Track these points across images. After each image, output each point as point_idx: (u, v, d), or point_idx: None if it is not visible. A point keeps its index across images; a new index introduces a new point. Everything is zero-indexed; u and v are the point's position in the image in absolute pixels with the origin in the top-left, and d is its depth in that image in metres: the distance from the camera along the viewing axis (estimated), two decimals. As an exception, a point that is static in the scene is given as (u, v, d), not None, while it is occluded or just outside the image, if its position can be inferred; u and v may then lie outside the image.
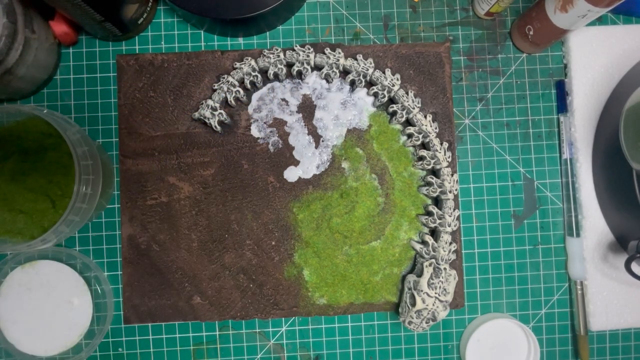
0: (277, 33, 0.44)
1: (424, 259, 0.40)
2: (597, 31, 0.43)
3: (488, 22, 0.45)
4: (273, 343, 0.43)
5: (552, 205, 0.44)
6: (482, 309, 0.44)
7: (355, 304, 0.42)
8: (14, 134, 0.39)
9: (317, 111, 0.42)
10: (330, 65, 0.40)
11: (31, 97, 0.42)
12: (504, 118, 0.44)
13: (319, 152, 0.42)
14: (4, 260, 0.40)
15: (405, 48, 0.42)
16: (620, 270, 0.42)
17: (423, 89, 0.42)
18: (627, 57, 0.43)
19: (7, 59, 0.35)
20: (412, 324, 0.38)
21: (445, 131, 0.42)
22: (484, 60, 0.44)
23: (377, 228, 0.41)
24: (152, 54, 0.41)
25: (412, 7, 0.44)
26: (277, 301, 0.41)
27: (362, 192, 0.41)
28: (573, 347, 0.44)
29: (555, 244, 0.44)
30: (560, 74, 0.45)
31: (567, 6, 0.35)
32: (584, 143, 0.43)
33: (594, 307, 0.42)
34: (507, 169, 0.44)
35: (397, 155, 0.42)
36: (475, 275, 0.44)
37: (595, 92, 0.43)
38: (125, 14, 0.39)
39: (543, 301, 0.44)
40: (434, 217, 0.40)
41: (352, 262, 0.41)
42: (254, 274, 0.41)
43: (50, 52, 0.41)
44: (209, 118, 0.40)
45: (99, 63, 0.43)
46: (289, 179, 0.41)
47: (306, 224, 0.41)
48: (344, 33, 0.44)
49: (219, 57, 0.41)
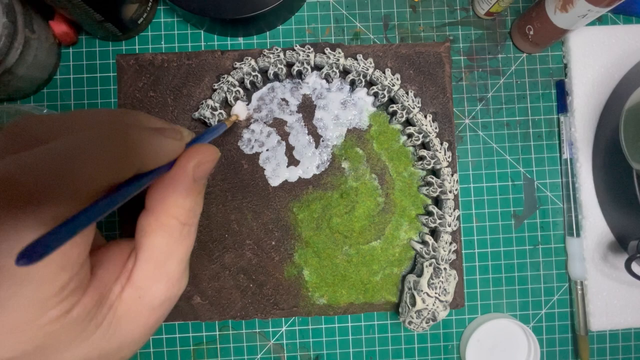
0: (277, 33, 0.44)
1: (424, 259, 0.40)
2: (597, 31, 0.43)
3: (488, 22, 0.45)
4: (273, 343, 0.43)
5: (552, 205, 0.44)
6: (482, 309, 0.44)
7: (355, 304, 0.42)
8: (13, 133, 0.39)
9: (317, 111, 0.42)
10: (330, 65, 0.40)
11: (31, 97, 0.42)
12: (504, 118, 0.44)
13: (319, 152, 0.42)
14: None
15: (405, 48, 0.42)
16: (620, 270, 0.42)
17: (423, 89, 0.42)
18: (627, 57, 0.43)
19: (7, 59, 0.35)
20: (412, 324, 0.38)
21: (445, 131, 0.42)
22: (484, 60, 0.44)
23: (377, 228, 0.41)
24: (152, 54, 0.41)
25: (412, 7, 0.44)
26: (277, 301, 0.41)
27: (362, 192, 0.41)
28: (573, 347, 0.44)
29: (555, 244, 0.44)
30: (560, 74, 0.45)
31: (567, 6, 0.35)
32: (584, 143, 0.43)
33: (594, 307, 0.42)
34: (507, 169, 0.44)
35: (397, 155, 0.42)
36: (475, 275, 0.44)
37: (595, 92, 0.43)
38: (125, 14, 0.39)
39: (543, 301, 0.44)
40: (434, 217, 0.40)
41: (352, 262, 0.41)
42: (254, 274, 0.41)
43: (50, 52, 0.41)
44: (209, 118, 0.40)
45: (99, 63, 0.43)
46: (289, 179, 0.41)
47: (306, 224, 0.41)
48: (344, 33, 0.44)
49: (219, 57, 0.41)
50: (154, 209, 0.16)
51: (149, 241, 0.16)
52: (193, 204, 0.17)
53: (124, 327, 0.16)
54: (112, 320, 0.15)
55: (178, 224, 0.16)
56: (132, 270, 0.16)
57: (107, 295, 0.15)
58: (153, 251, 0.16)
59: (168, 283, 0.16)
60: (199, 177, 0.17)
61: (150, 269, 0.16)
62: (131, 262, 0.16)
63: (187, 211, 0.16)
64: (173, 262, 0.16)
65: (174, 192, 0.16)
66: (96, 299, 0.14)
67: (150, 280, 0.16)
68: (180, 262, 0.17)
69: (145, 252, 0.16)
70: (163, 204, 0.16)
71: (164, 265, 0.16)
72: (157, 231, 0.16)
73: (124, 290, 0.16)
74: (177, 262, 0.17)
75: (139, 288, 0.16)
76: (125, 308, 0.15)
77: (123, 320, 0.15)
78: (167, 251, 0.16)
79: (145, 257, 0.16)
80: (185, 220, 0.16)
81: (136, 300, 0.16)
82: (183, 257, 0.17)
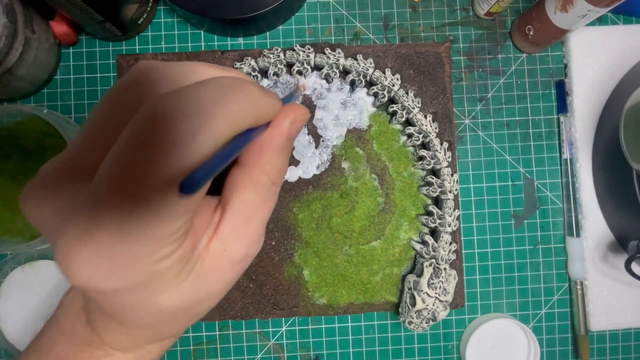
0: (277, 33, 0.44)
1: (424, 259, 0.40)
2: (597, 31, 0.43)
3: (488, 22, 0.45)
4: (273, 343, 0.43)
5: (552, 205, 0.44)
6: (482, 309, 0.44)
7: (355, 304, 0.42)
8: (14, 134, 0.39)
9: (317, 111, 0.42)
10: (330, 65, 0.40)
11: (31, 97, 0.42)
12: (504, 118, 0.44)
13: (319, 152, 0.42)
14: (4, 260, 0.40)
15: (405, 48, 0.42)
16: (620, 270, 0.42)
17: (423, 89, 0.42)
18: (627, 57, 0.43)
19: (7, 59, 0.35)
20: (412, 324, 0.38)
21: (445, 131, 0.42)
22: (484, 60, 0.44)
23: (377, 228, 0.41)
24: (152, 54, 0.41)
25: (412, 7, 0.44)
26: (277, 301, 0.41)
27: (362, 192, 0.41)
28: (573, 347, 0.44)
29: (555, 244, 0.44)
30: (560, 74, 0.45)
31: (567, 6, 0.35)
32: (584, 143, 0.43)
33: (594, 307, 0.42)
34: (507, 169, 0.44)
35: (397, 155, 0.42)
36: (475, 275, 0.44)
37: (595, 92, 0.43)
38: (125, 14, 0.39)
39: (543, 301, 0.44)
40: (434, 217, 0.40)
41: (352, 262, 0.41)
42: (254, 274, 0.41)
43: (50, 52, 0.41)
44: (209, 118, 0.39)
45: (99, 63, 0.43)
46: (289, 179, 0.41)
47: (306, 224, 0.41)
48: (344, 33, 0.44)
49: (219, 57, 0.41)
50: (247, 164, 0.16)
51: (240, 195, 0.16)
52: (283, 164, 0.17)
53: (208, 279, 0.16)
54: (200, 271, 0.15)
55: (269, 181, 0.17)
56: (219, 223, 0.16)
57: (196, 245, 0.15)
58: (241, 206, 0.16)
59: (249, 240, 0.17)
60: (292, 135, 0.17)
61: (237, 224, 0.16)
62: (217, 215, 0.17)
63: (278, 170, 0.17)
64: (257, 220, 0.17)
65: (269, 149, 0.16)
66: (191, 245, 0.15)
67: (235, 235, 0.16)
68: (262, 222, 0.17)
69: (235, 206, 0.16)
70: (258, 160, 0.16)
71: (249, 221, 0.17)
72: (248, 186, 0.16)
73: (210, 242, 0.16)
74: (260, 221, 0.17)
75: (224, 241, 0.16)
76: (210, 260, 0.16)
77: (208, 272, 0.16)
78: (253, 208, 0.17)
79: (233, 210, 0.16)
80: (275, 179, 0.17)
81: (221, 253, 0.16)
82: (265, 217, 0.17)
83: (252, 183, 0.16)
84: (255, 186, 0.16)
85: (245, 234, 0.17)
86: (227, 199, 0.17)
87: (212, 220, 0.16)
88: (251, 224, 0.17)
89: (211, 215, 0.17)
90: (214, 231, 0.16)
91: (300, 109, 0.17)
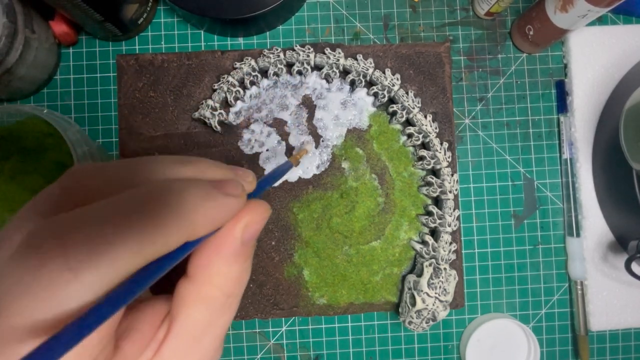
0: (277, 33, 0.44)
1: (424, 259, 0.40)
2: (597, 31, 0.43)
3: (488, 22, 0.45)
4: (273, 343, 0.43)
5: (552, 205, 0.44)
6: (482, 309, 0.44)
7: (355, 304, 0.42)
8: (14, 134, 0.39)
9: (317, 111, 0.42)
10: (330, 65, 0.40)
11: (31, 97, 0.42)
12: (504, 118, 0.44)
13: (319, 152, 0.42)
14: (4, 260, 0.40)
15: (405, 48, 0.42)
16: (620, 270, 0.42)
17: (423, 89, 0.42)
18: (627, 57, 0.43)
19: (7, 59, 0.35)
20: (412, 324, 0.38)
21: (445, 131, 0.42)
22: (484, 60, 0.44)
23: (377, 228, 0.41)
24: (152, 54, 0.41)
25: (412, 7, 0.44)
26: (277, 301, 0.41)
27: (362, 192, 0.41)
28: (573, 347, 0.44)
29: (555, 244, 0.44)
30: (560, 74, 0.45)
31: (567, 6, 0.35)
32: (584, 143, 0.43)
33: (594, 307, 0.42)
34: (507, 169, 0.44)
35: (397, 155, 0.42)
36: (475, 275, 0.44)
37: (595, 92, 0.43)
38: (125, 14, 0.39)
39: (543, 301, 0.44)
40: (434, 217, 0.40)
41: (352, 262, 0.41)
42: (253, 274, 0.41)
43: (50, 52, 0.41)
44: (209, 118, 0.40)
45: (99, 63, 0.43)
46: (290, 179, 0.41)
47: (306, 224, 0.41)
48: (344, 33, 0.44)
49: (219, 57, 0.41)
50: (195, 277, 0.14)
51: (187, 313, 0.14)
52: (240, 272, 0.15)
53: None
54: None
55: (221, 295, 0.14)
56: (162, 342, 0.14)
57: None
58: (190, 326, 0.14)
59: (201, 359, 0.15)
60: (247, 240, 0.15)
61: (183, 345, 0.14)
62: (162, 331, 0.14)
63: (233, 280, 0.15)
64: (209, 337, 0.15)
65: (219, 259, 0.14)
66: None
67: (180, 357, 0.14)
68: (217, 338, 0.15)
69: (181, 326, 0.14)
70: (206, 272, 0.14)
71: (199, 341, 0.15)
72: (197, 303, 0.14)
73: None
74: (214, 337, 0.15)
75: None
76: None
77: None
78: (205, 325, 0.15)
79: (179, 330, 0.14)
80: (230, 292, 0.15)
81: None
82: (221, 332, 0.15)
83: (202, 299, 0.14)
84: (205, 303, 0.14)
85: (194, 354, 0.15)
86: (174, 315, 0.14)
87: (156, 337, 0.14)
88: (202, 343, 0.15)
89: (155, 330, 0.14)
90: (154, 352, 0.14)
91: (257, 209, 0.15)
